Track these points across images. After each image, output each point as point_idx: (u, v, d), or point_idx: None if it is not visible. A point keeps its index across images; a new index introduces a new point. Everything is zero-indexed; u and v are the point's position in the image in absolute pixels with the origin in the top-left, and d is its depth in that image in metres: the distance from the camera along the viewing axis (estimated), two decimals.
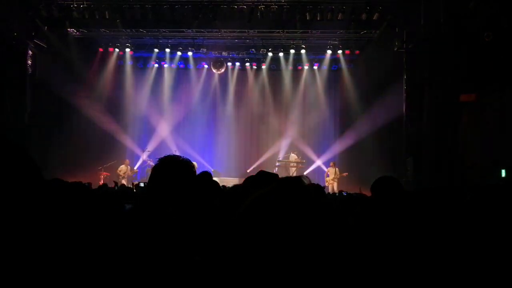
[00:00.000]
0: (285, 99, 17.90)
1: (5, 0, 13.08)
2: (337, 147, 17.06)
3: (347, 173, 15.14)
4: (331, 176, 15.24)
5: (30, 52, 14.44)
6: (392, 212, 1.16)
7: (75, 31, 15.42)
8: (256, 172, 2.99)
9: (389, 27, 14.22)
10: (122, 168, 15.73)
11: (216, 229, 2.28)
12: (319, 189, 4.16)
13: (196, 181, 2.47)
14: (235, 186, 2.55)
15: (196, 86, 18.17)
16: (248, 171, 17.35)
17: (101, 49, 16.60)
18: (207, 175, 3.47)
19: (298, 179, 1.01)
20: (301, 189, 0.96)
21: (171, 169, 2.26)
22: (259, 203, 0.95)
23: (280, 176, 2.81)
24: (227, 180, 13.97)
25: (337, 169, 15.35)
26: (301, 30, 15.02)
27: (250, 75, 18.08)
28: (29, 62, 14.45)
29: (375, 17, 13.90)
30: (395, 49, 14.47)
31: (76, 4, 13.92)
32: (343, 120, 17.16)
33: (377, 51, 14.82)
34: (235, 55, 17.27)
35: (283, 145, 17.58)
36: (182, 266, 1.75)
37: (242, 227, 0.94)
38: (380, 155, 14.93)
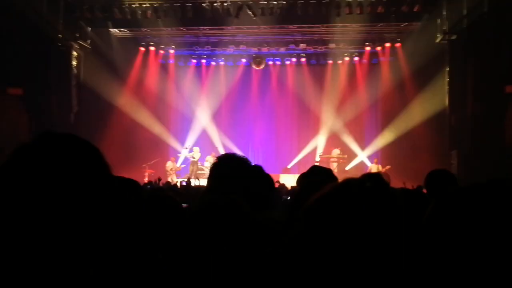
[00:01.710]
0: (325, 94, 17.78)
1: (51, 2, 13.58)
2: (379, 141, 16.83)
3: (389, 166, 14.85)
4: (374, 170, 15.06)
5: (74, 53, 14.88)
6: (455, 210, 1.09)
7: (117, 31, 15.76)
8: (297, 168, 3.04)
9: (430, 18, 13.91)
10: (169, 164, 16.13)
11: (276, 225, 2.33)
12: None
13: (253, 177, 2.53)
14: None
15: (236, 83, 18.36)
16: (288, 166, 17.41)
17: (143, 48, 17.00)
18: (258, 169, 3.50)
19: (361, 180, 0.99)
20: (363, 191, 0.96)
21: (230, 166, 2.31)
22: (325, 203, 0.95)
23: None
24: None
25: (379, 166, 15.15)
26: (340, 24, 14.90)
27: (290, 71, 18.10)
28: (74, 62, 14.91)
29: (416, 9, 13.61)
30: (437, 40, 14.12)
31: (118, 4, 14.20)
32: (385, 114, 16.88)
33: (419, 43, 14.51)
34: (274, 51, 17.32)
35: (324, 140, 17.53)
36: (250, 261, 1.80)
37: (309, 226, 0.95)
38: (422, 148, 14.64)
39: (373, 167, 15.17)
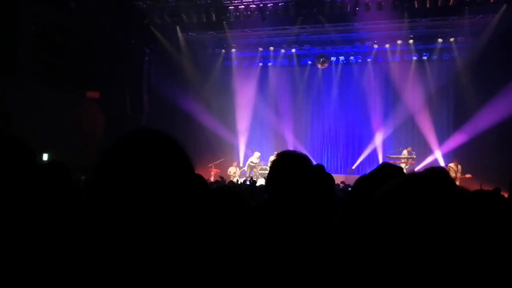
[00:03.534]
0: (392, 93, 17.16)
1: (123, 10, 14.26)
2: (453, 142, 15.84)
3: (470, 175, 13.62)
4: (452, 173, 14.02)
5: (145, 57, 15.57)
6: None
7: (185, 34, 16.14)
8: (361, 168, 2.97)
9: (509, 9, 13.05)
10: (231, 169, 16.29)
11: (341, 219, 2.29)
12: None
13: (313, 175, 2.50)
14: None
15: (301, 83, 18.27)
16: (353, 167, 17.05)
17: (209, 51, 17.36)
18: (320, 168, 3.47)
19: (424, 176, 0.94)
20: (427, 187, 0.90)
21: (289, 163, 2.32)
22: (388, 199, 0.92)
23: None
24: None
25: (460, 166, 14.11)
26: (408, 19, 14.39)
27: (355, 70, 17.71)
28: (145, 66, 15.60)
29: (492, 0, 12.86)
30: None
31: (185, 9, 14.57)
32: (459, 113, 15.86)
33: (496, 37, 13.63)
34: (339, 50, 17.05)
35: (390, 140, 16.99)
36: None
37: (376, 218, 0.91)
38: (502, 149, 13.74)
39: (453, 168, 14.09)
